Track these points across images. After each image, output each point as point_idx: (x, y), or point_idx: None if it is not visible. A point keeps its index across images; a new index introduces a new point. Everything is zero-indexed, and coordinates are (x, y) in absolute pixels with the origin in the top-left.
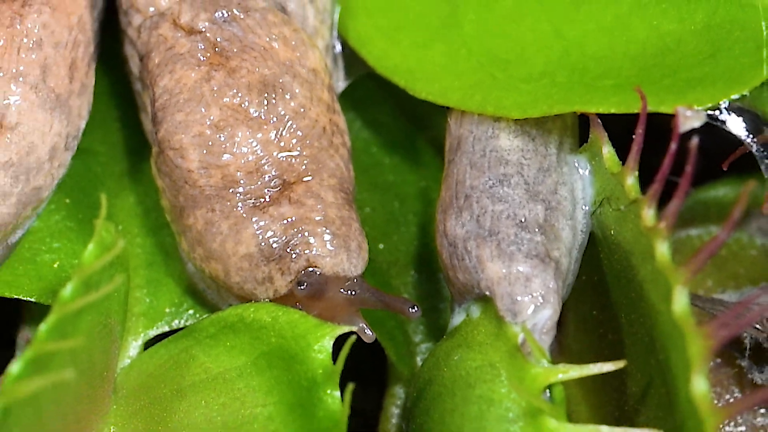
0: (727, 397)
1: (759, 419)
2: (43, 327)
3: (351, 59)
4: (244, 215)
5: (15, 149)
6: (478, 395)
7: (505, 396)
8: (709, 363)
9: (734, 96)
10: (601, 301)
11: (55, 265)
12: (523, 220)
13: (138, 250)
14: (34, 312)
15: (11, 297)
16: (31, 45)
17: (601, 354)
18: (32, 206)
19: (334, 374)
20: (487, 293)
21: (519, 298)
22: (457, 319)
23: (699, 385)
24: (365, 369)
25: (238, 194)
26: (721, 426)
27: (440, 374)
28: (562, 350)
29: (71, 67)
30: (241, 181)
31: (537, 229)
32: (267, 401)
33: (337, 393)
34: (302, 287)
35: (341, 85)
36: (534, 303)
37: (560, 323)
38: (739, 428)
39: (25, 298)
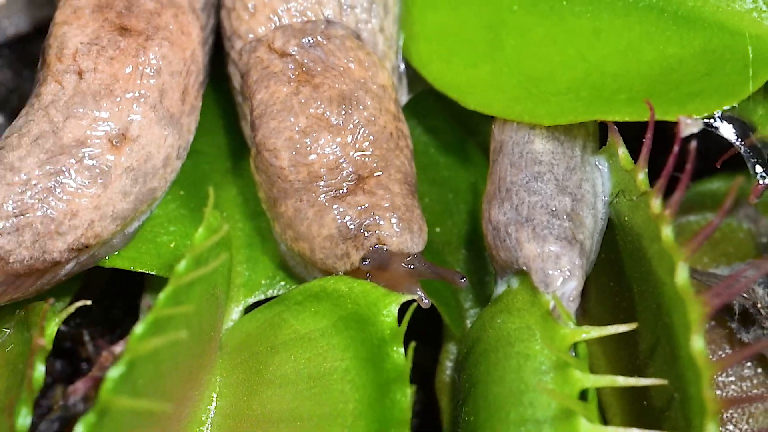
0: (720, 353)
1: (746, 371)
2: (161, 296)
3: (413, 77)
4: (326, 204)
5: (135, 157)
6: (517, 351)
7: (539, 352)
8: (705, 325)
9: (726, 107)
10: (617, 275)
11: (172, 245)
12: (554, 210)
13: (239, 233)
14: (154, 283)
15: (135, 271)
16: (151, 72)
17: (617, 318)
18: (147, 203)
19: (399, 334)
20: (524, 268)
21: (550, 273)
22: (500, 289)
23: (697, 344)
24: (424, 330)
25: (321, 187)
26: (714, 376)
27: (486, 334)
28: (585, 315)
29: (183, 92)
30: (324, 177)
31: (565, 217)
32: (344, 356)
33: (402, 349)
34: (366, 262)
35: (405, 98)
36: (562, 276)
37: (584, 293)
38: (730, 378)
39: (146, 272)
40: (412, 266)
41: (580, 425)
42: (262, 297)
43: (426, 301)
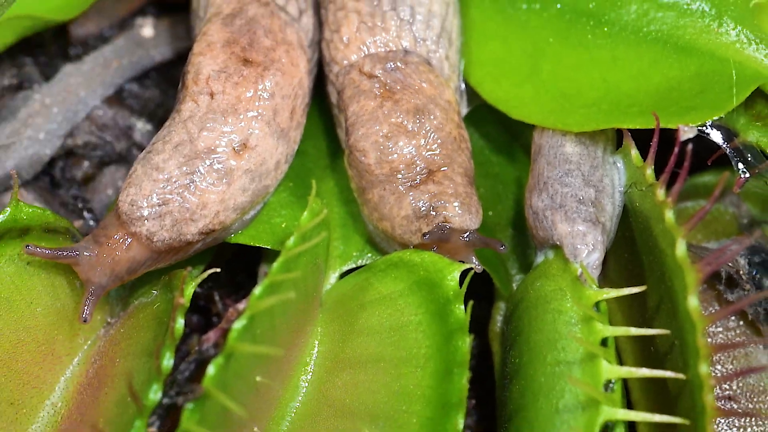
0: (710, 309)
1: (731, 323)
2: (275, 265)
3: (471, 94)
4: (404, 191)
5: (253, 162)
6: (552, 308)
7: (569, 308)
8: (699, 288)
9: (715, 118)
10: (631, 248)
11: (283, 225)
12: (581, 198)
13: (335, 216)
14: (270, 255)
15: (255, 245)
16: (267, 96)
17: (630, 282)
18: (261, 197)
19: (460, 294)
20: (558, 243)
21: (578, 247)
22: (538, 259)
23: (693, 302)
24: (480, 291)
25: (400, 179)
26: (706, 328)
27: (528, 294)
28: (605, 279)
29: (292, 111)
30: (402, 171)
31: (590, 204)
32: (417, 312)
33: (462, 306)
34: (426, 236)
35: (465, 110)
36: (588, 249)
37: (604, 263)
38: (718, 329)
39: (263, 246)
40: (468, 239)
41: (601, 366)
42: (353, 266)
43: (479, 267)
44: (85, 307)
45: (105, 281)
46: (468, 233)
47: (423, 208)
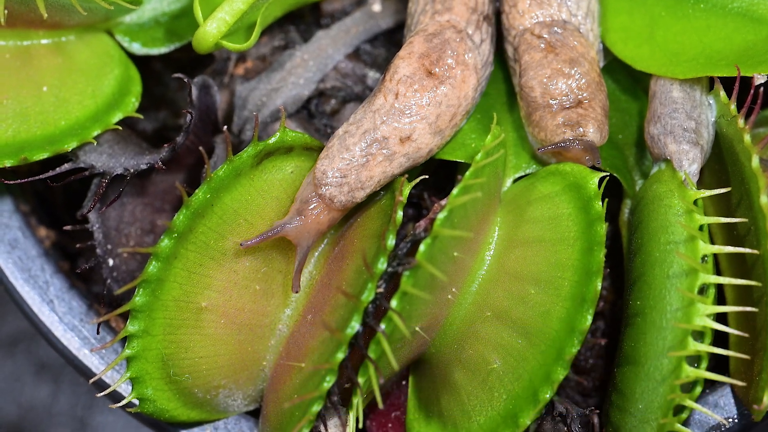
0: None
1: None
2: (467, 173)
3: (606, 52)
4: (557, 112)
5: (411, 149)
6: (664, 203)
7: (676, 204)
8: None
9: None
10: (719, 162)
11: (473, 145)
12: (685, 127)
13: (510, 138)
14: (463, 167)
15: (452, 160)
16: (435, 104)
17: (719, 185)
18: (411, 168)
19: (599, 194)
20: (669, 158)
21: (683, 160)
22: (654, 169)
23: (763, 199)
24: (613, 191)
25: (554, 105)
26: None
27: (647, 194)
28: (701, 184)
29: (452, 117)
30: (557, 100)
31: (692, 131)
32: (569, 206)
33: (600, 202)
34: (566, 142)
35: (602, 63)
36: (689, 162)
37: (701, 173)
38: None
39: (458, 160)
40: (594, 149)
41: (699, 244)
42: (523, 174)
43: (605, 173)
44: (298, 264)
45: (313, 242)
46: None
47: (570, 122)
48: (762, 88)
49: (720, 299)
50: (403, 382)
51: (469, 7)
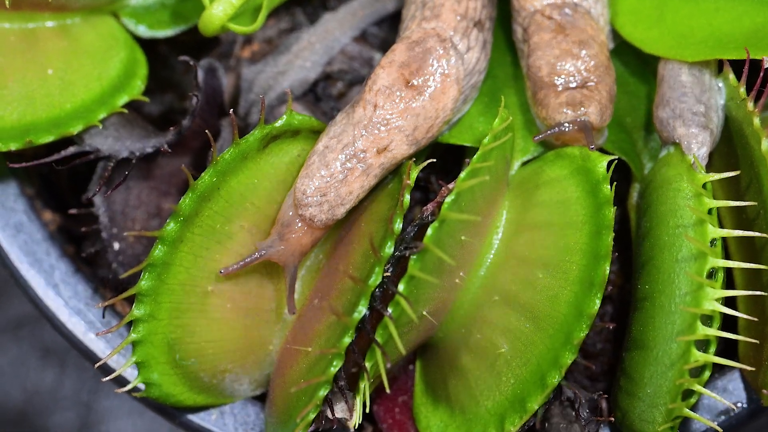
0: None
1: None
2: (475, 157)
3: (615, 35)
4: (560, 91)
5: (388, 160)
6: (673, 187)
7: (685, 187)
8: None
9: None
10: (729, 146)
11: (480, 129)
12: (695, 111)
13: (518, 121)
14: (470, 151)
15: (460, 144)
16: (413, 115)
17: (728, 169)
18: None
19: (607, 177)
20: (678, 141)
21: (692, 143)
22: (663, 152)
23: None
24: (621, 175)
25: (560, 85)
26: None
27: (655, 177)
28: (711, 168)
29: (429, 129)
30: (562, 79)
31: (701, 115)
32: (576, 190)
33: (608, 186)
34: (568, 125)
35: (611, 46)
36: (698, 145)
37: (710, 157)
38: None
39: (466, 144)
40: (589, 132)
41: (708, 228)
42: (530, 157)
43: (592, 148)
44: (288, 285)
45: (299, 261)
46: (600, 129)
47: (572, 102)
48: None
49: (729, 283)
50: (411, 367)
51: (458, 14)
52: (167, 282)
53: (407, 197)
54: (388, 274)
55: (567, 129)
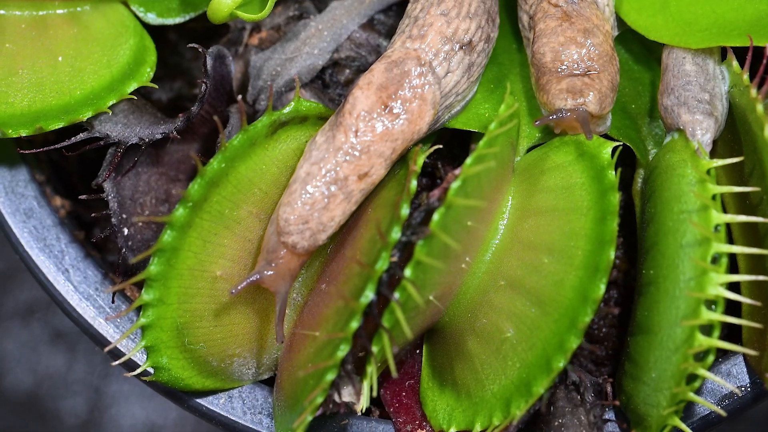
0: None
1: None
2: (481, 143)
3: (620, 22)
4: (564, 78)
5: (368, 184)
6: (678, 173)
7: (689, 173)
8: None
9: None
10: (733, 131)
11: (486, 115)
12: (699, 99)
13: (523, 108)
14: (477, 136)
15: (466, 129)
16: (392, 140)
17: (732, 155)
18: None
19: (612, 163)
20: (682, 128)
21: (697, 130)
22: (668, 139)
23: None
24: (626, 161)
25: (563, 71)
26: None
27: (660, 163)
28: (714, 154)
29: (402, 150)
30: (565, 66)
31: (706, 103)
32: (581, 176)
33: (613, 172)
34: (566, 111)
35: (615, 33)
36: (702, 132)
37: (714, 144)
38: None
39: (472, 130)
40: (586, 122)
41: (712, 213)
42: (536, 143)
43: (590, 136)
44: (278, 312)
45: (289, 284)
46: (602, 117)
47: (573, 89)
48: None
49: (732, 268)
50: (417, 351)
51: (445, 36)
52: (176, 267)
53: (414, 183)
54: (395, 259)
55: (564, 116)
